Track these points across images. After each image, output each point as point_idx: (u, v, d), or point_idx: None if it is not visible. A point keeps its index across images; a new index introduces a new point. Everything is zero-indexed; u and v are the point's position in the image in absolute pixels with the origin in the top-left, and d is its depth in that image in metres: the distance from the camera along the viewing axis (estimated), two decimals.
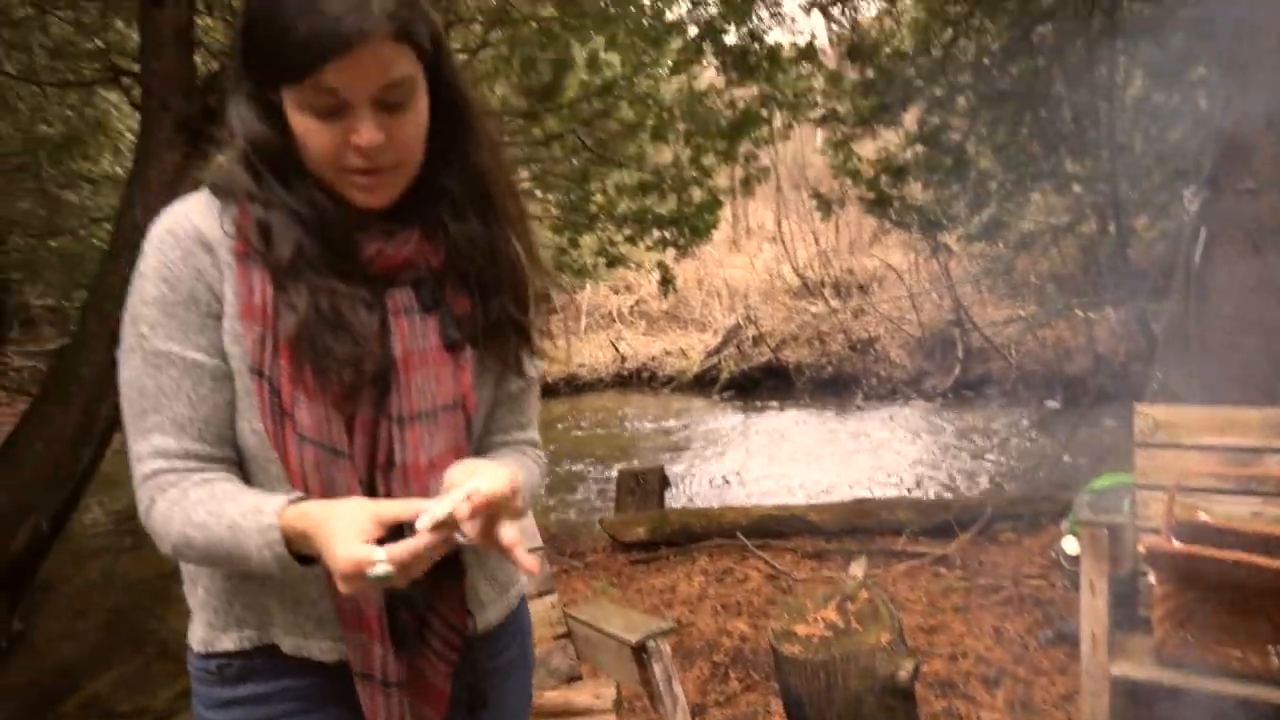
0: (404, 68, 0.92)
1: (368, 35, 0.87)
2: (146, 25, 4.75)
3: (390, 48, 0.90)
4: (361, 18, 0.87)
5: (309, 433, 0.95)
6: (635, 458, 8.64)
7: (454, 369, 1.03)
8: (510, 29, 6.53)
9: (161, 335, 0.96)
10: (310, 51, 0.87)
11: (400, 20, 0.90)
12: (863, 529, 4.92)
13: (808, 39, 7.33)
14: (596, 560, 5.17)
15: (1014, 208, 7.87)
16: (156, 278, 0.96)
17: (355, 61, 0.88)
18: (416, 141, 0.97)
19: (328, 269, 0.96)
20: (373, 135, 0.91)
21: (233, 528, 0.91)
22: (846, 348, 11.24)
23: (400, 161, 0.96)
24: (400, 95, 0.92)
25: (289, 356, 0.95)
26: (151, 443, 0.96)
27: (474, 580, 1.13)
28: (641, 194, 7.61)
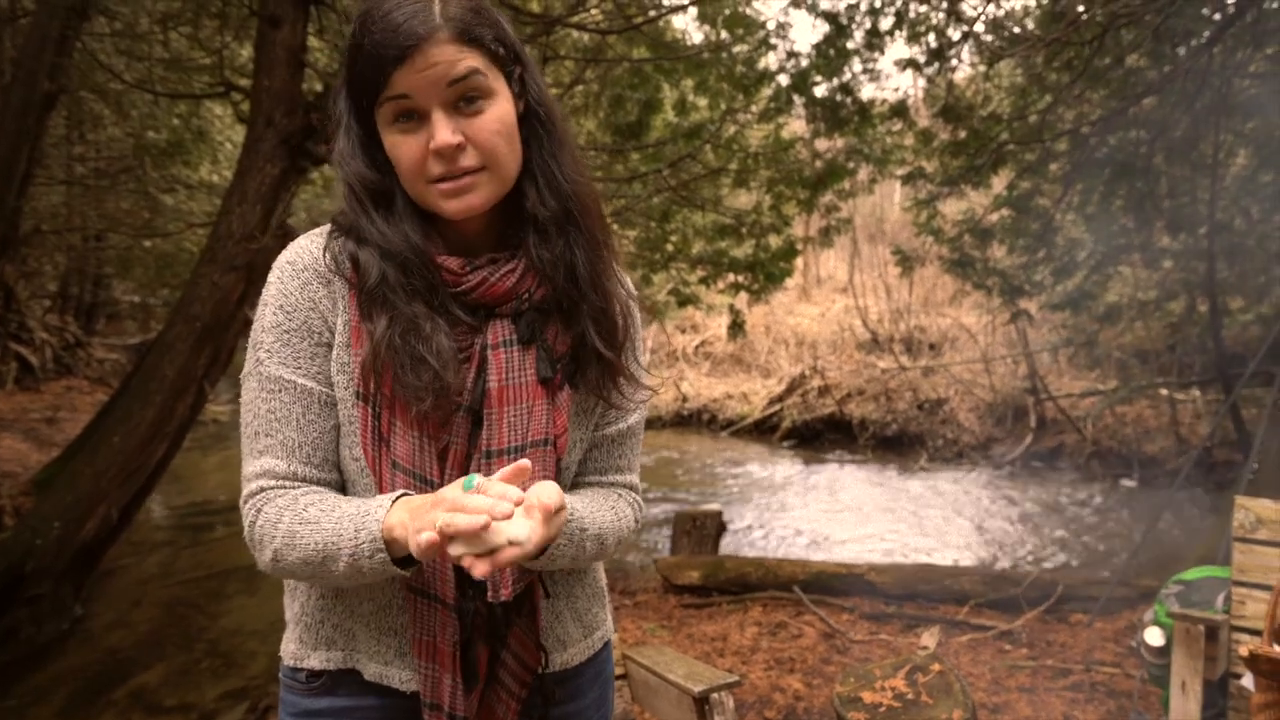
0: (469, 63, 0.94)
1: (427, 36, 0.91)
2: (262, 44, 4.95)
3: (452, 48, 0.93)
4: (421, 21, 0.92)
5: (402, 460, 0.98)
6: (691, 499, 8.56)
7: (548, 406, 1.03)
8: (603, 67, 6.64)
9: (276, 361, 1.00)
10: (380, 59, 0.92)
11: (461, 23, 0.94)
12: (925, 595, 4.77)
13: (900, 95, 7.29)
14: (647, 600, 5.11)
15: (1100, 279, 7.66)
16: (275, 305, 1.01)
17: (418, 62, 0.92)
18: (498, 142, 0.97)
19: (413, 297, 0.98)
20: (446, 137, 0.93)
21: (331, 535, 0.93)
22: (914, 406, 11.02)
23: (483, 164, 0.97)
24: (470, 90, 0.95)
25: (390, 387, 0.96)
26: (262, 463, 1.00)
27: (556, 617, 1.12)
28: (719, 237, 7.62)
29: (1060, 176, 6.94)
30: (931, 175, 7.29)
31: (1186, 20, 5.53)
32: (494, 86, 0.97)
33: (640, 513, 1.19)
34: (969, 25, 6.44)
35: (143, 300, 13.59)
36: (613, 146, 7.16)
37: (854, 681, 2.34)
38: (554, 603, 1.12)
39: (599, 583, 1.21)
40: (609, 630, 1.23)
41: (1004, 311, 8.23)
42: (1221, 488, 5.13)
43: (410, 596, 1.00)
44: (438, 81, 0.92)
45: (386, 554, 0.91)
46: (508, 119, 0.98)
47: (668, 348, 14.88)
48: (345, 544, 0.92)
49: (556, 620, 1.12)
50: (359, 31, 0.94)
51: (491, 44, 0.96)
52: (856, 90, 6.92)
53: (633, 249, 7.91)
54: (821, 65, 6.84)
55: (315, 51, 6.20)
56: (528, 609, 1.05)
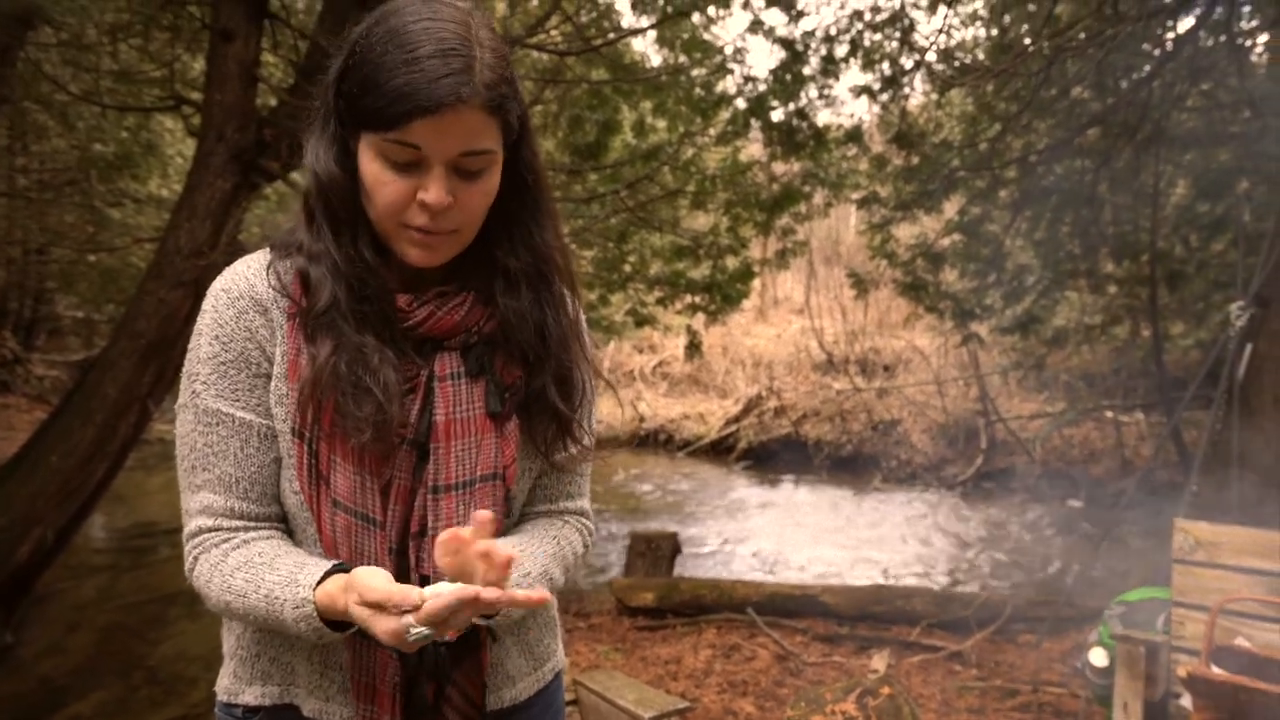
0: (488, 140, 0.92)
1: (464, 101, 0.88)
2: (214, 58, 4.88)
3: (480, 118, 0.91)
4: (461, 83, 0.88)
5: (342, 498, 0.95)
6: (646, 519, 8.53)
7: (497, 438, 1.01)
8: (562, 88, 6.66)
9: (213, 393, 0.97)
10: (405, 104, 0.87)
11: (497, 95, 0.91)
12: (877, 616, 4.80)
13: (855, 121, 7.42)
14: (601, 623, 5.07)
15: (1049, 303, 7.84)
16: (210, 336, 0.98)
17: (445, 123, 0.89)
18: (480, 211, 0.97)
19: (363, 326, 0.96)
20: (440, 196, 0.91)
21: (269, 598, 0.92)
22: (868, 427, 11.14)
23: (460, 227, 0.96)
24: (478, 165, 0.93)
25: (330, 420, 0.94)
26: (200, 499, 0.98)
27: (505, 652, 1.10)
28: (677, 258, 7.66)
29: (1009, 203, 7.10)
30: (885, 200, 7.41)
31: (1127, 55, 5.71)
32: (498, 160, 0.96)
33: (590, 538, 1.17)
34: (921, 54, 6.59)
35: (86, 316, 13.22)
36: (571, 167, 7.17)
37: (805, 705, 2.34)
38: (502, 638, 1.10)
39: (550, 612, 1.19)
40: (560, 661, 1.21)
41: (956, 334, 8.37)
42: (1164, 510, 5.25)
43: (349, 637, 0.97)
44: (456, 146, 0.91)
45: (330, 630, 0.90)
46: (493, 191, 0.97)
47: (625, 368, 14.88)
48: (288, 622, 0.91)
49: (505, 655, 1.10)
50: (380, 48, 0.89)
51: (510, 117, 0.95)
52: (812, 115, 7.03)
53: (590, 269, 7.91)
54: (778, 90, 6.94)
55: (269, 66, 6.13)
56: (473, 646, 1.03)
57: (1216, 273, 6.71)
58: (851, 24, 6.60)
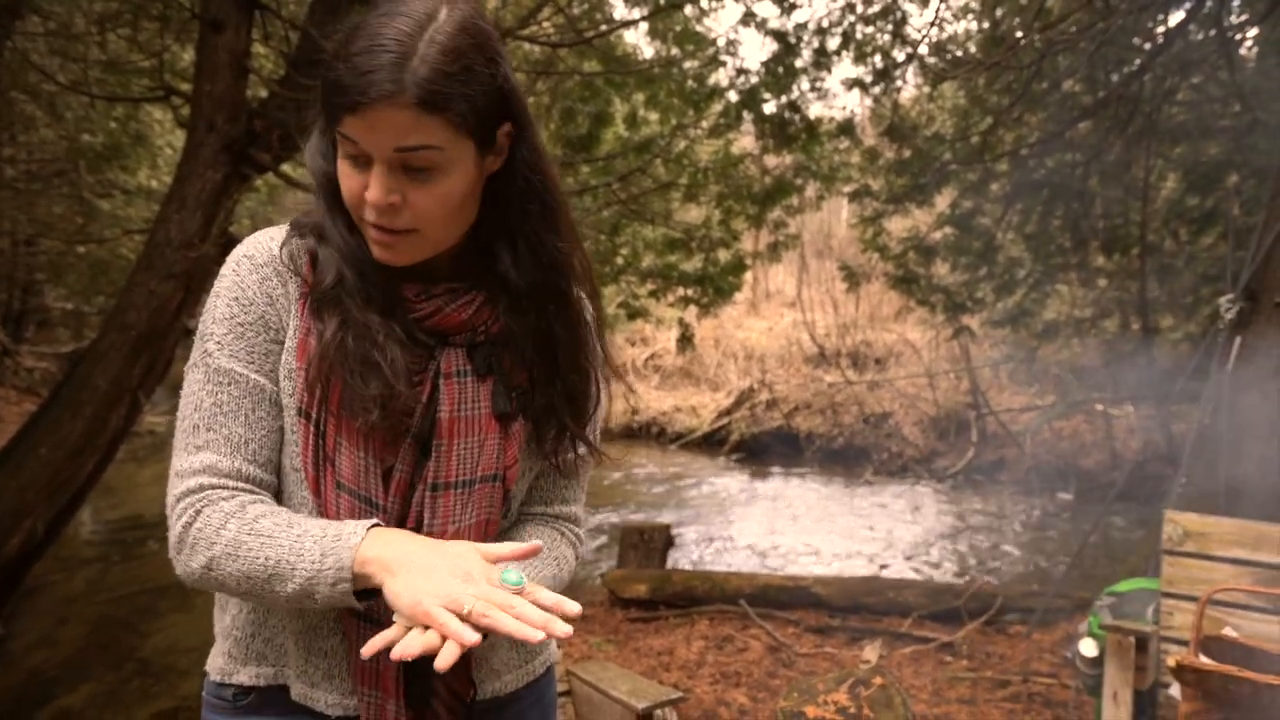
0: (425, 137, 0.87)
1: (388, 97, 0.84)
2: (204, 49, 4.85)
3: (408, 115, 0.86)
4: (386, 78, 0.85)
5: (346, 480, 0.94)
6: (639, 512, 8.55)
7: (501, 439, 1.00)
8: (554, 80, 6.64)
9: (227, 354, 0.96)
10: (338, 98, 0.86)
11: (430, 88, 0.85)
12: (869, 607, 4.82)
13: (847, 114, 7.43)
14: (594, 615, 5.08)
15: (1039, 297, 7.87)
16: (229, 297, 0.98)
17: (372, 119, 0.86)
18: (436, 215, 0.92)
19: (369, 307, 0.95)
20: (378, 194, 0.89)
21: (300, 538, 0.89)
22: (859, 420, 11.17)
23: (418, 227, 0.92)
24: (420, 162, 0.89)
25: (337, 400, 0.93)
26: (202, 458, 0.94)
27: (491, 646, 1.08)
28: (669, 250, 7.66)
29: (1001, 196, 7.13)
30: (877, 193, 7.43)
31: (1119, 48, 5.73)
32: (450, 159, 0.90)
33: (580, 547, 1.15)
34: (913, 47, 6.59)
35: (75, 308, 13.14)
36: (563, 159, 7.16)
37: (797, 696, 2.35)
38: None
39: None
40: (552, 655, 1.20)
41: (947, 327, 8.40)
42: (1153, 501, 5.29)
43: (351, 621, 0.97)
44: (383, 143, 0.87)
45: (351, 585, 0.87)
46: (456, 193, 0.92)
47: (617, 360, 14.88)
48: (304, 565, 0.87)
49: (491, 649, 1.09)
50: (336, 50, 0.88)
51: (461, 114, 0.88)
52: (804, 108, 7.03)
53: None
54: (770, 83, 6.93)
55: (260, 57, 6.09)
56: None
57: (1206, 266, 6.75)
58: (844, 16, 6.60)
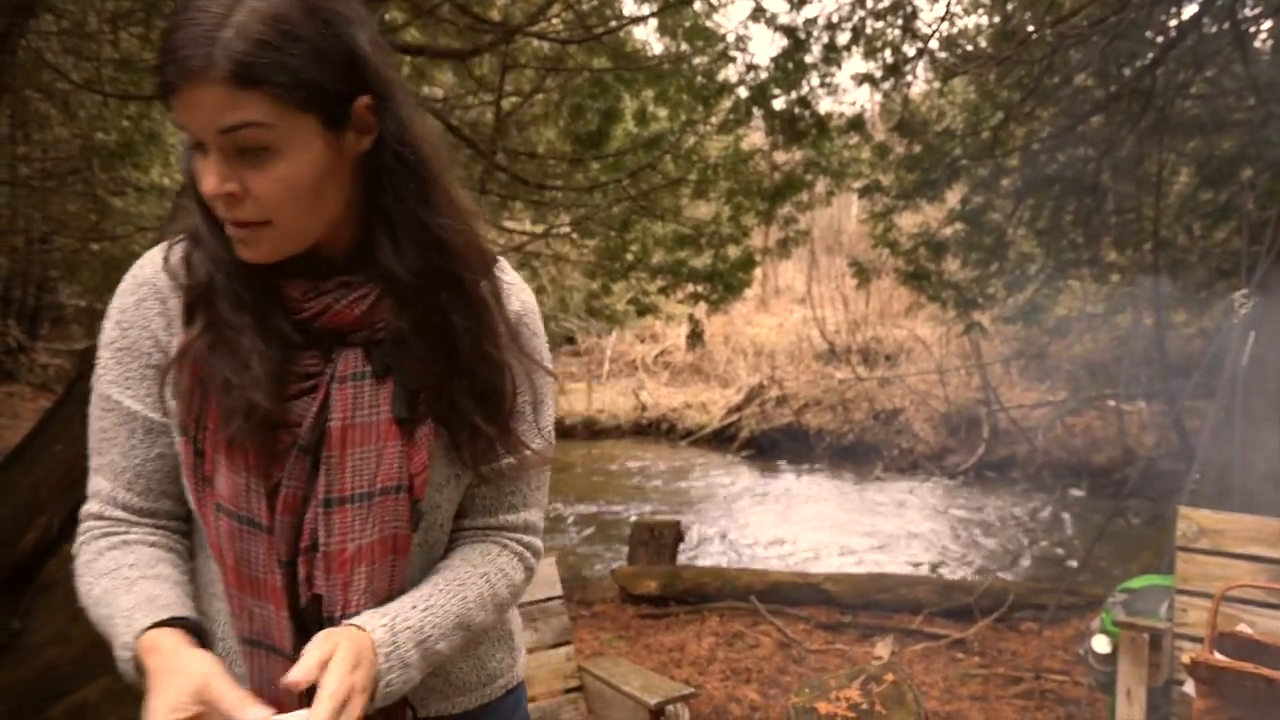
0: (244, 114, 0.79)
1: (196, 75, 0.78)
2: None
3: (222, 91, 0.78)
4: (191, 55, 0.77)
5: (225, 501, 0.89)
6: (649, 508, 8.56)
7: (404, 446, 0.90)
8: (564, 77, 6.64)
9: (108, 379, 0.94)
10: (160, 81, 0.81)
11: (244, 61, 0.77)
12: (879, 604, 4.82)
13: (856, 109, 7.40)
14: (605, 611, 5.09)
15: (1051, 292, 7.83)
16: (113, 320, 0.95)
17: (187, 100, 0.79)
18: (283, 200, 0.83)
19: (240, 310, 0.88)
20: (210, 184, 0.82)
21: (109, 619, 0.88)
22: (870, 416, 11.15)
23: (269, 218, 0.84)
24: (247, 142, 0.81)
25: (214, 417, 0.88)
26: (94, 482, 0.96)
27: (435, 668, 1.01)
28: (679, 247, 7.65)
29: (1012, 192, 7.09)
30: (887, 188, 7.40)
31: (1131, 42, 5.69)
32: (284, 137, 0.81)
33: (534, 559, 1.04)
34: (924, 42, 6.56)
35: (90, 305, 13.22)
36: (573, 155, 7.16)
37: (809, 692, 2.36)
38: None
39: (505, 625, 1.10)
40: (516, 677, 1.12)
41: (958, 323, 8.37)
42: (1166, 497, 5.26)
43: (247, 650, 0.92)
44: (205, 125, 0.80)
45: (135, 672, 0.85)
46: (304, 176, 0.83)
47: (627, 357, 14.89)
48: (119, 641, 0.86)
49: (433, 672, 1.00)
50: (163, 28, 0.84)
51: (285, 87, 0.79)
52: (814, 104, 7.00)
53: (593, 258, 7.91)
54: (780, 78, 6.91)
55: None
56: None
57: (1219, 261, 6.70)
58: (854, 11, 6.57)
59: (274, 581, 0.89)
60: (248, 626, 0.91)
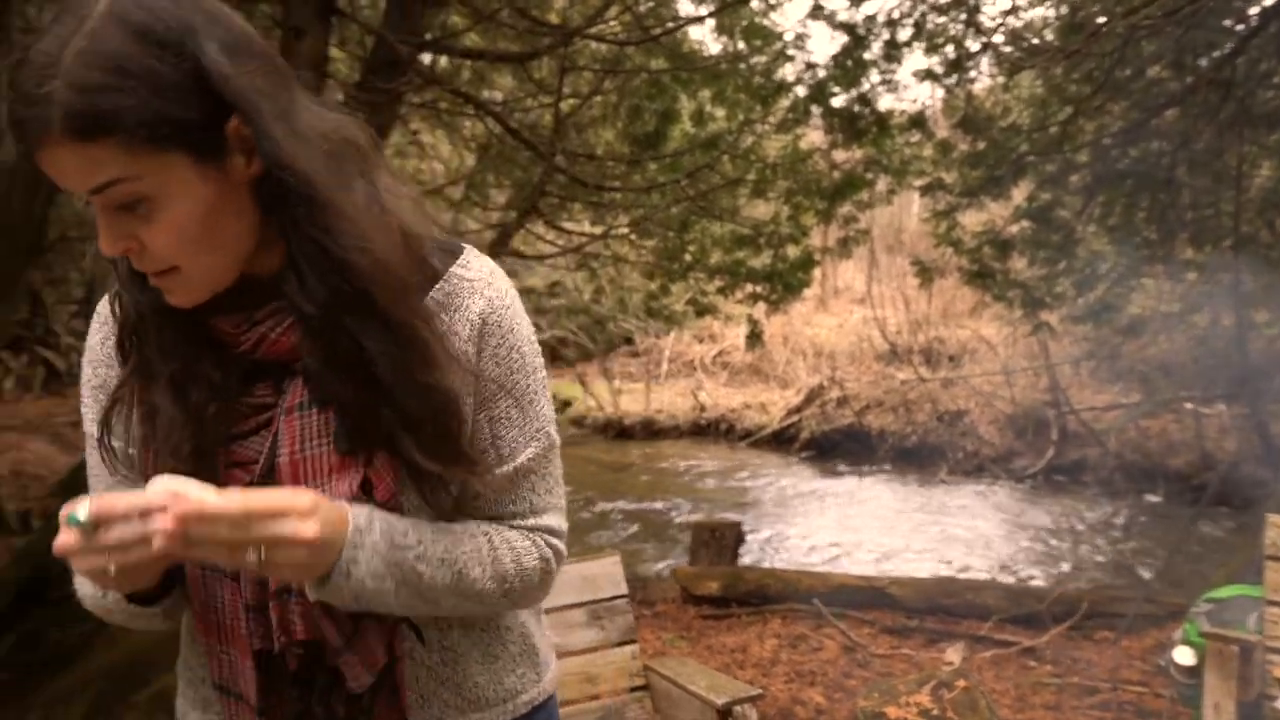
0: (105, 172, 0.72)
1: (40, 138, 0.70)
2: (286, 55, 4.96)
3: (72, 150, 0.70)
4: (33, 117, 0.70)
5: None
6: (708, 508, 8.53)
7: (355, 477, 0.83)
8: (621, 78, 6.67)
9: (90, 417, 0.93)
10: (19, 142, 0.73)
11: (81, 112, 0.69)
12: (946, 609, 4.72)
13: (919, 107, 7.29)
14: (666, 610, 5.09)
15: (1124, 291, 7.59)
16: (85, 360, 0.95)
17: (47, 164, 0.72)
18: (181, 247, 0.77)
19: (171, 349, 0.84)
20: (105, 245, 0.76)
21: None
22: (933, 418, 10.93)
23: (176, 264, 0.78)
24: (123, 198, 0.74)
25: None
26: None
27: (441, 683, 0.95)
28: (737, 247, 7.62)
29: (1081, 188, 6.90)
30: (950, 186, 7.27)
31: (1208, 32, 5.49)
32: (156, 184, 0.74)
33: (553, 557, 0.95)
34: (988, 36, 6.43)
35: None
36: (631, 157, 7.19)
37: (878, 696, 2.32)
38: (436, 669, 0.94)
39: (527, 640, 1.03)
40: (543, 692, 1.05)
41: (1025, 323, 8.17)
42: (1249, 504, 5.05)
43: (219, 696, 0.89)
44: (75, 188, 0.74)
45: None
46: (188, 218, 0.76)
47: (685, 357, 14.87)
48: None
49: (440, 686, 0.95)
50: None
51: (132, 130, 0.70)
52: (875, 101, 6.93)
53: (651, 259, 7.93)
54: (839, 76, 6.85)
55: (335, 61, 6.26)
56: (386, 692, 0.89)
57: None
58: (915, 7, 6.47)
59: (239, 628, 0.85)
60: (218, 672, 0.89)
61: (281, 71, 0.80)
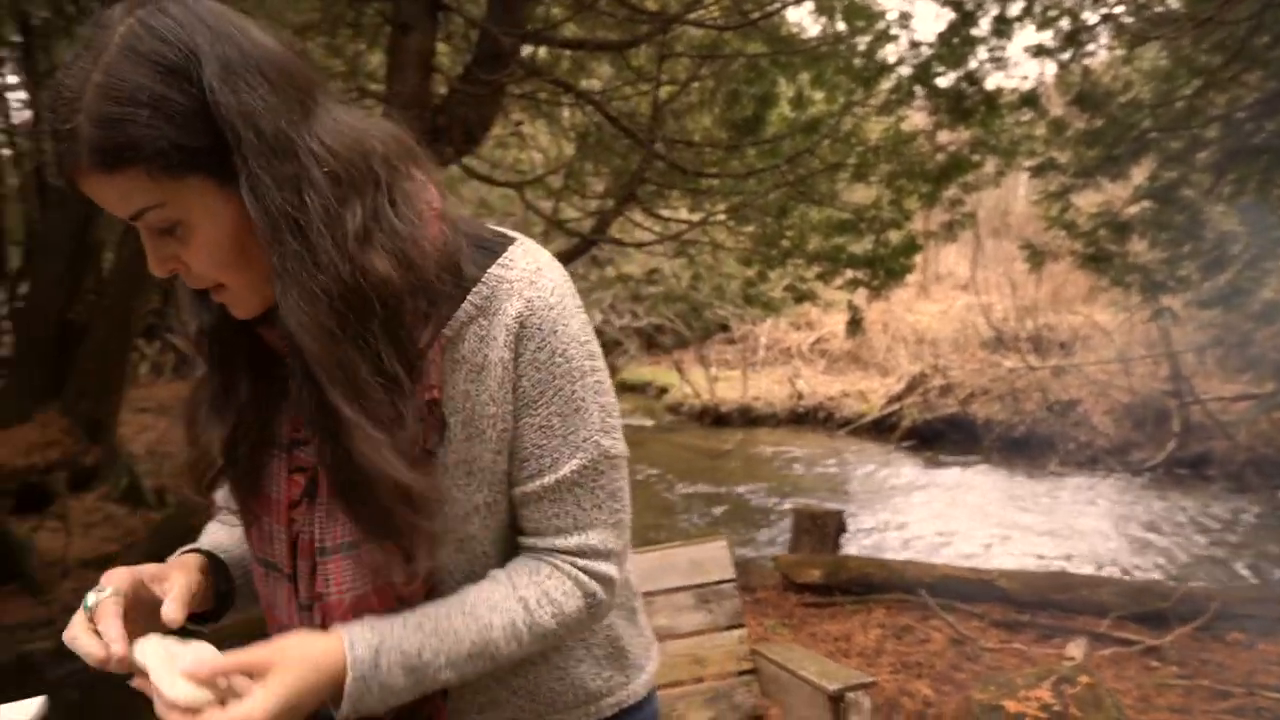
0: (136, 199, 0.73)
1: (75, 171, 0.73)
2: (395, 50, 5.16)
3: (103, 181, 0.72)
4: (67, 152, 0.72)
5: (255, 549, 0.92)
6: (807, 497, 8.45)
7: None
8: (719, 63, 6.62)
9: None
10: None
11: (107, 150, 0.70)
12: (1060, 605, 4.55)
13: (1030, 83, 6.99)
14: (766, 597, 5.06)
15: (1256, 274, 7.13)
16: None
17: (88, 193, 0.74)
18: (218, 268, 0.78)
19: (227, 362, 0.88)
20: (152, 266, 0.79)
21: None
22: (1043, 407, 10.53)
23: (222, 281, 0.80)
24: (157, 224, 0.76)
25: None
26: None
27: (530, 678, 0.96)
28: (837, 232, 7.49)
29: (1210, 165, 6.50)
30: (1064, 166, 6.95)
31: None
32: (184, 208, 0.75)
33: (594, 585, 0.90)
34: (1107, 7, 6.11)
35: None
36: (729, 142, 7.15)
37: (994, 689, 2.26)
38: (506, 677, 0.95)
39: (614, 643, 1.01)
40: (633, 695, 1.02)
41: (1144, 309, 7.77)
42: None
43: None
44: (116, 213, 0.76)
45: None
46: (219, 239, 0.76)
47: (782, 344, 14.73)
48: None
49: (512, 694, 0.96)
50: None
51: (152, 159, 0.71)
52: (982, 80, 6.68)
53: (748, 245, 7.88)
54: (945, 55, 6.63)
55: (440, 55, 6.42)
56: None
57: None
58: None
59: (293, 624, 0.89)
60: None
61: (297, 86, 0.77)
